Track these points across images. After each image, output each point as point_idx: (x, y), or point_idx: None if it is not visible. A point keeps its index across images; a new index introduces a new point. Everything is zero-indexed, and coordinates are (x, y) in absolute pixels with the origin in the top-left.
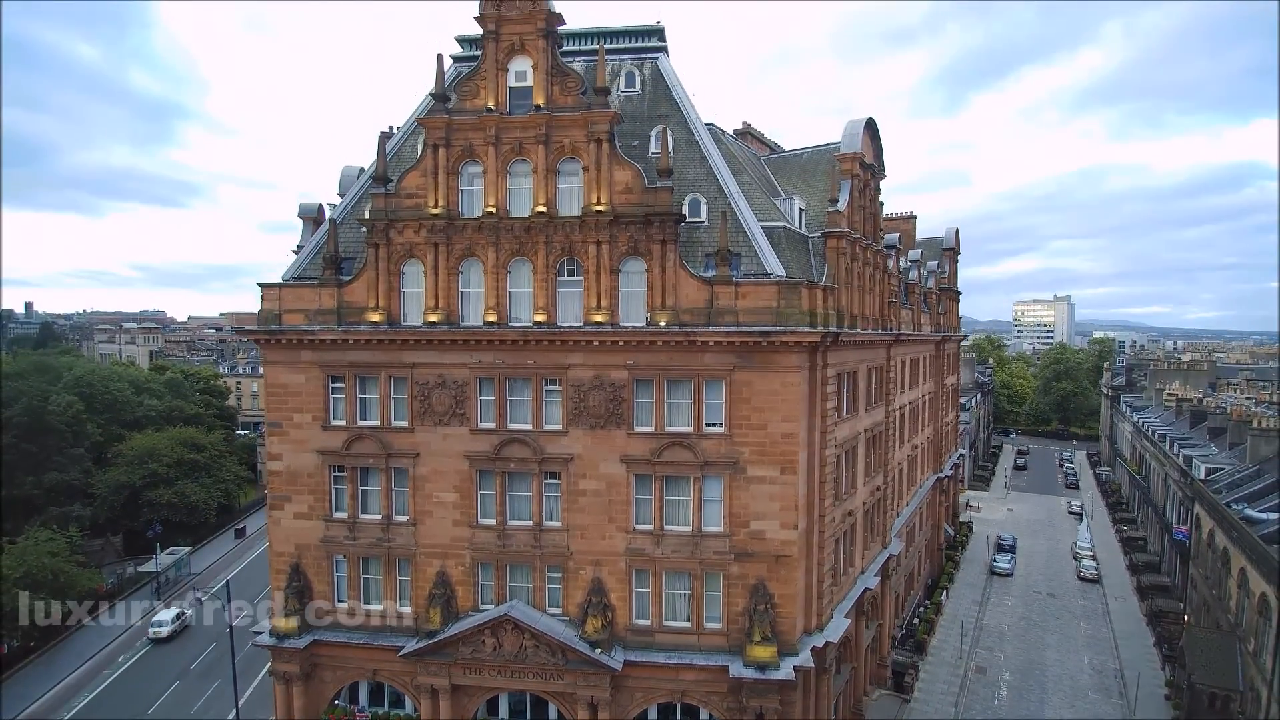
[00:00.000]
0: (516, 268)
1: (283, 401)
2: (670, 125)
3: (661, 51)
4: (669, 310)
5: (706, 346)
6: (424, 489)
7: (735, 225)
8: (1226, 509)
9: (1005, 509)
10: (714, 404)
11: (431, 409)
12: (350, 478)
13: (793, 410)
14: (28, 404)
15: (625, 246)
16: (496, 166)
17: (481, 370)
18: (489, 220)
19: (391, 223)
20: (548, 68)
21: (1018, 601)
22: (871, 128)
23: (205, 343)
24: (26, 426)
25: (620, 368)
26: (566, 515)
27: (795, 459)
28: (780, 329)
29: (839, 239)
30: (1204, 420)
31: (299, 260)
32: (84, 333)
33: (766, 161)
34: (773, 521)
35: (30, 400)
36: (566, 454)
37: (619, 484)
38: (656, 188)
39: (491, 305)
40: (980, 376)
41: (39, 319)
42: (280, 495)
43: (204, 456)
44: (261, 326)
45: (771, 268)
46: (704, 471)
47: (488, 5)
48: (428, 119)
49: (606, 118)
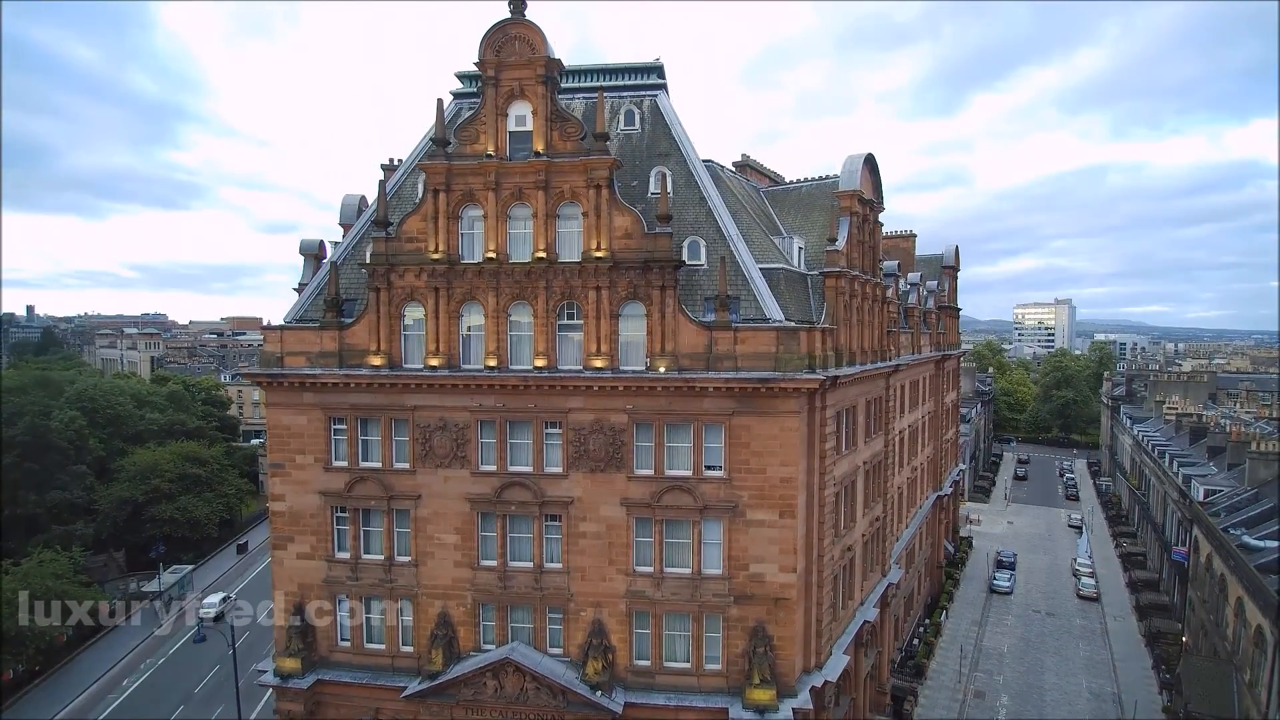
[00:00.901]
0: (517, 311)
1: (285, 443)
2: (669, 165)
3: (661, 89)
4: (668, 356)
5: (706, 392)
6: (425, 530)
7: (734, 269)
8: (1224, 534)
9: (1005, 522)
10: (713, 448)
11: (433, 451)
12: (352, 519)
13: (791, 455)
14: (30, 422)
15: (625, 292)
16: (496, 211)
17: (482, 413)
18: (489, 265)
19: (392, 267)
20: (547, 113)
21: (1017, 621)
22: (870, 163)
23: (206, 348)
24: (29, 445)
25: (620, 412)
26: (567, 557)
27: (794, 503)
28: (779, 376)
29: (838, 278)
30: (1204, 437)
31: (300, 301)
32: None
33: (766, 194)
34: (771, 565)
35: (33, 419)
36: (567, 497)
37: (619, 527)
38: (656, 234)
39: (492, 349)
40: (980, 386)
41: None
42: (283, 535)
43: (205, 470)
44: (263, 369)
45: (770, 312)
46: (703, 515)
47: (488, 51)
48: (428, 164)
49: (606, 164)
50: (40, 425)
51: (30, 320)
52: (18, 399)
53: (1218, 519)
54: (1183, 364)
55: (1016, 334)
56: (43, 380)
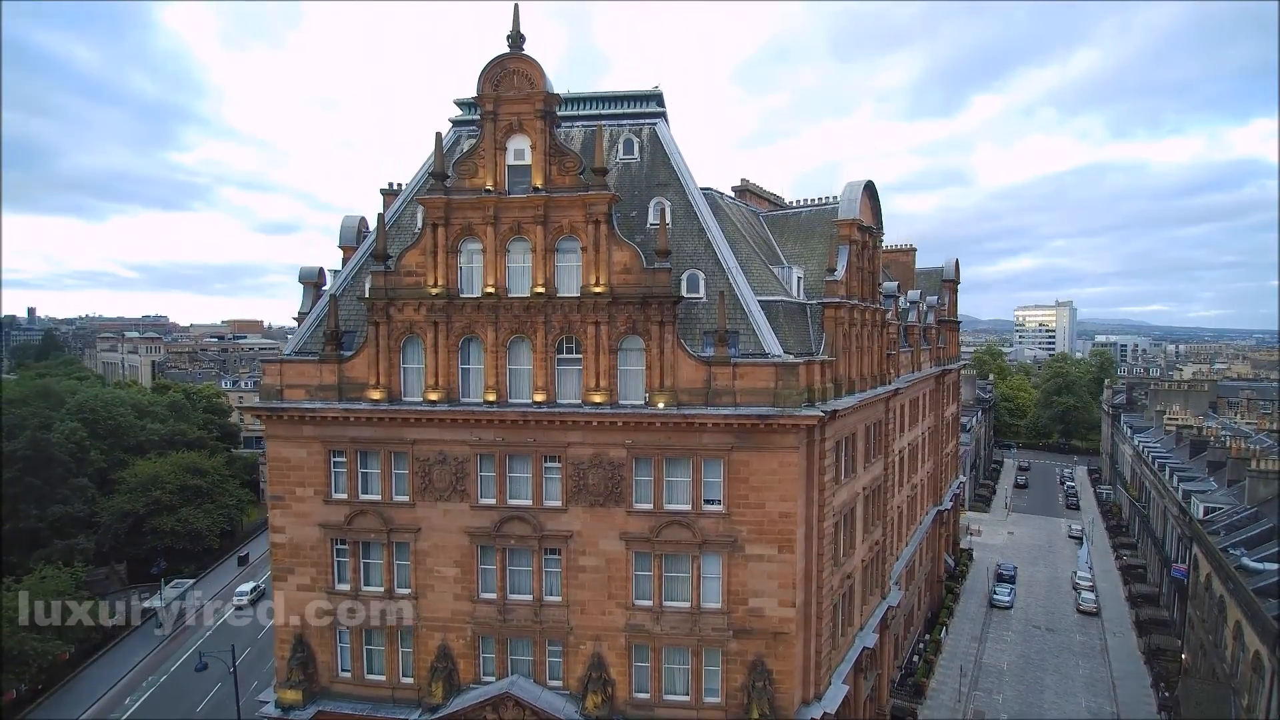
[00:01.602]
0: (516, 346)
1: (285, 475)
2: (668, 195)
3: (660, 117)
4: (667, 391)
5: (704, 428)
6: (425, 563)
7: (733, 303)
8: (1223, 555)
9: (1006, 532)
10: (712, 482)
11: (432, 485)
12: (352, 551)
13: (790, 490)
14: (32, 436)
15: (624, 327)
16: (495, 245)
17: (482, 447)
18: (488, 300)
19: (391, 301)
20: (546, 148)
21: (1017, 637)
22: (870, 190)
23: (207, 353)
24: (31, 459)
25: (619, 446)
26: (566, 591)
27: (793, 537)
28: (778, 412)
29: (836, 309)
30: (1204, 450)
31: (300, 333)
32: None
33: (766, 219)
34: (770, 599)
35: (34, 432)
36: (566, 531)
37: (618, 561)
38: (655, 269)
39: (491, 384)
40: (981, 394)
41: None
42: (283, 567)
43: (206, 482)
44: (263, 403)
45: (769, 347)
46: (702, 550)
47: (486, 86)
48: (426, 199)
49: (605, 199)
50: (41, 439)
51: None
52: (19, 410)
53: (1217, 538)
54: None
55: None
56: (44, 391)
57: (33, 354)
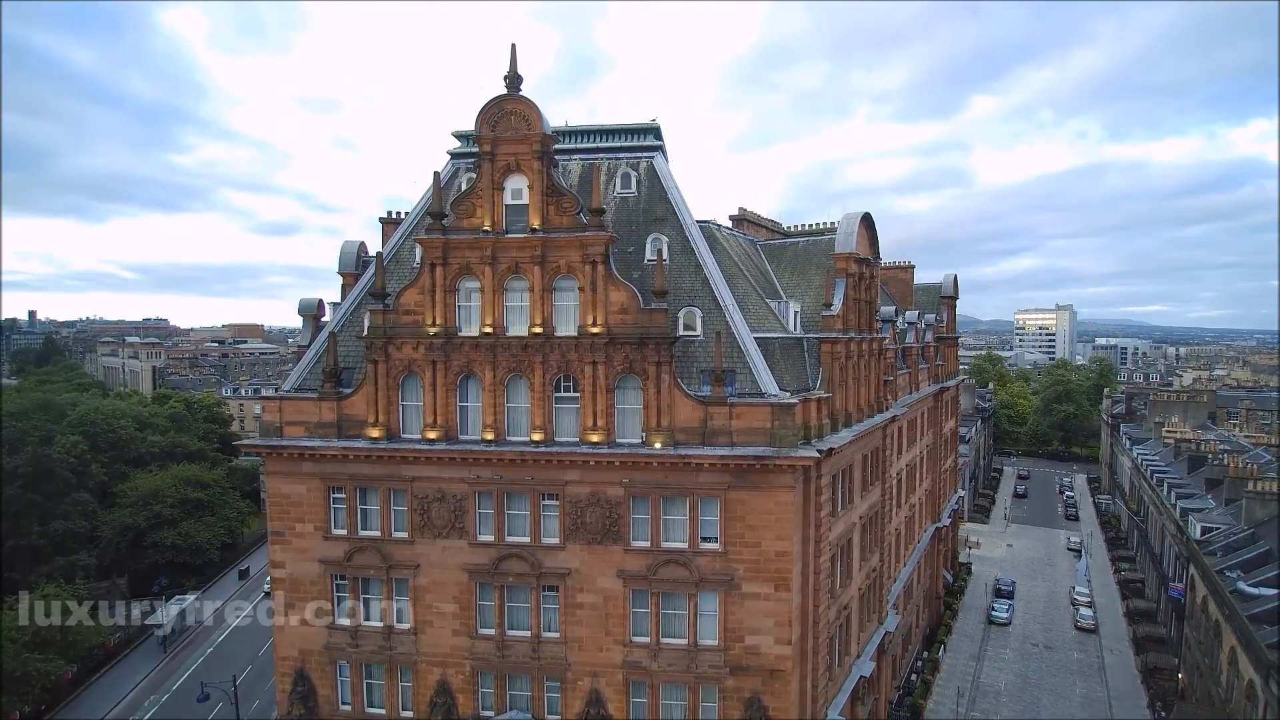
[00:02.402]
0: (514, 384)
1: (285, 511)
2: (666, 230)
3: (657, 150)
4: (664, 431)
5: (701, 467)
6: (424, 599)
7: (730, 341)
8: (1220, 578)
9: (1005, 545)
10: (709, 520)
11: (431, 522)
12: (352, 587)
13: (786, 529)
14: (33, 452)
15: (621, 366)
16: (493, 285)
17: (480, 485)
18: (486, 339)
19: (390, 340)
20: (543, 188)
21: (1015, 655)
22: (867, 220)
23: (208, 358)
24: (32, 475)
25: (616, 485)
26: (564, 627)
27: (789, 575)
28: (774, 453)
29: (833, 344)
30: (1202, 465)
31: (299, 369)
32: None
33: (763, 248)
34: (767, 637)
35: (35, 448)
36: (564, 568)
37: (616, 598)
38: (652, 309)
39: (489, 422)
40: (980, 403)
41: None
42: (284, 602)
43: (207, 495)
44: (263, 440)
45: (765, 386)
46: (699, 588)
47: (484, 127)
48: (425, 239)
49: (602, 240)
50: (43, 455)
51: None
52: (20, 424)
53: (1214, 559)
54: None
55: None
56: (45, 403)
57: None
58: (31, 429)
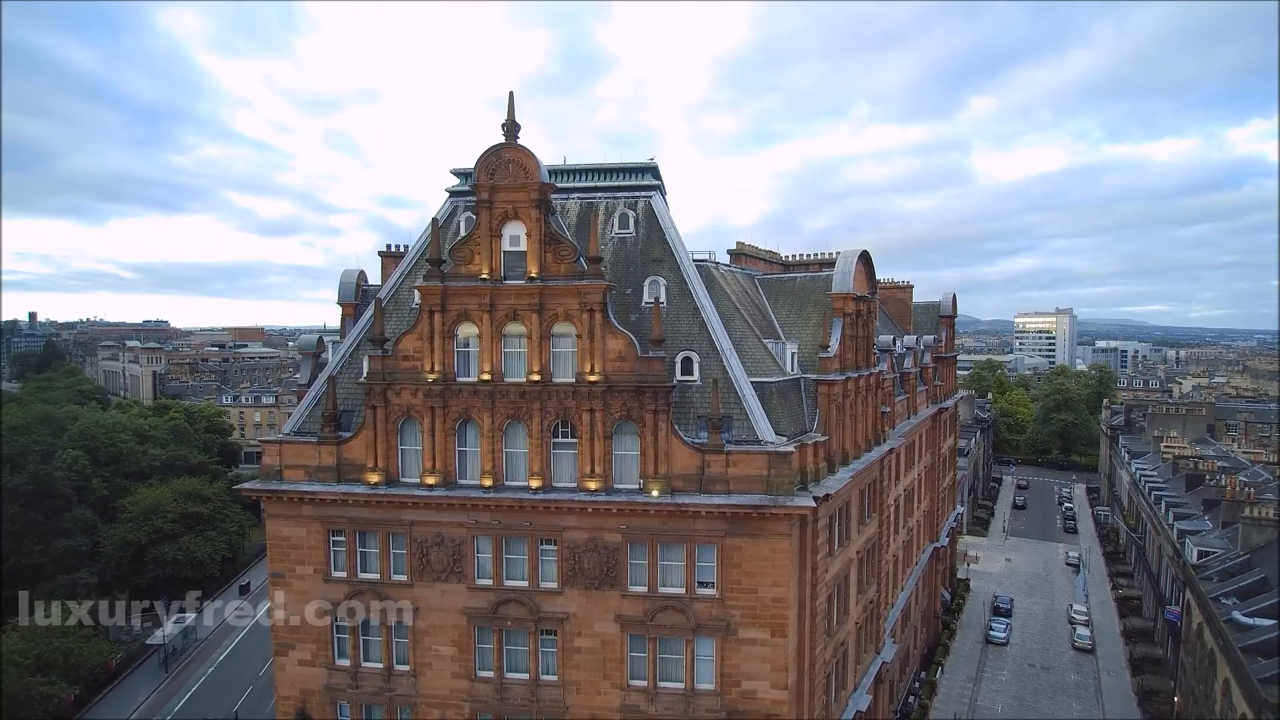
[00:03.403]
0: (512, 429)
1: (285, 554)
2: (663, 272)
3: (655, 190)
4: (661, 478)
5: (698, 515)
6: (423, 642)
7: (727, 386)
8: (1215, 606)
9: (1003, 559)
10: (706, 566)
11: (430, 565)
12: (352, 629)
13: (783, 575)
14: (34, 470)
15: (618, 413)
16: (491, 331)
17: (479, 530)
18: (484, 386)
19: (389, 385)
20: (541, 235)
21: (1012, 677)
22: (864, 258)
23: (209, 362)
24: (33, 493)
25: (614, 531)
26: (563, 671)
27: (785, 622)
28: (770, 502)
29: (830, 386)
30: (1200, 484)
31: (299, 411)
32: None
33: (761, 283)
34: (763, 682)
35: (36, 466)
36: (562, 613)
37: (614, 642)
38: (649, 357)
39: (488, 469)
40: (979, 413)
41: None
42: (284, 643)
43: (207, 509)
44: (263, 483)
45: (762, 433)
46: (696, 633)
47: (482, 174)
48: (424, 286)
49: (599, 289)
50: (43, 472)
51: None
52: (21, 438)
53: (1210, 585)
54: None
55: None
56: (45, 417)
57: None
58: (33, 443)
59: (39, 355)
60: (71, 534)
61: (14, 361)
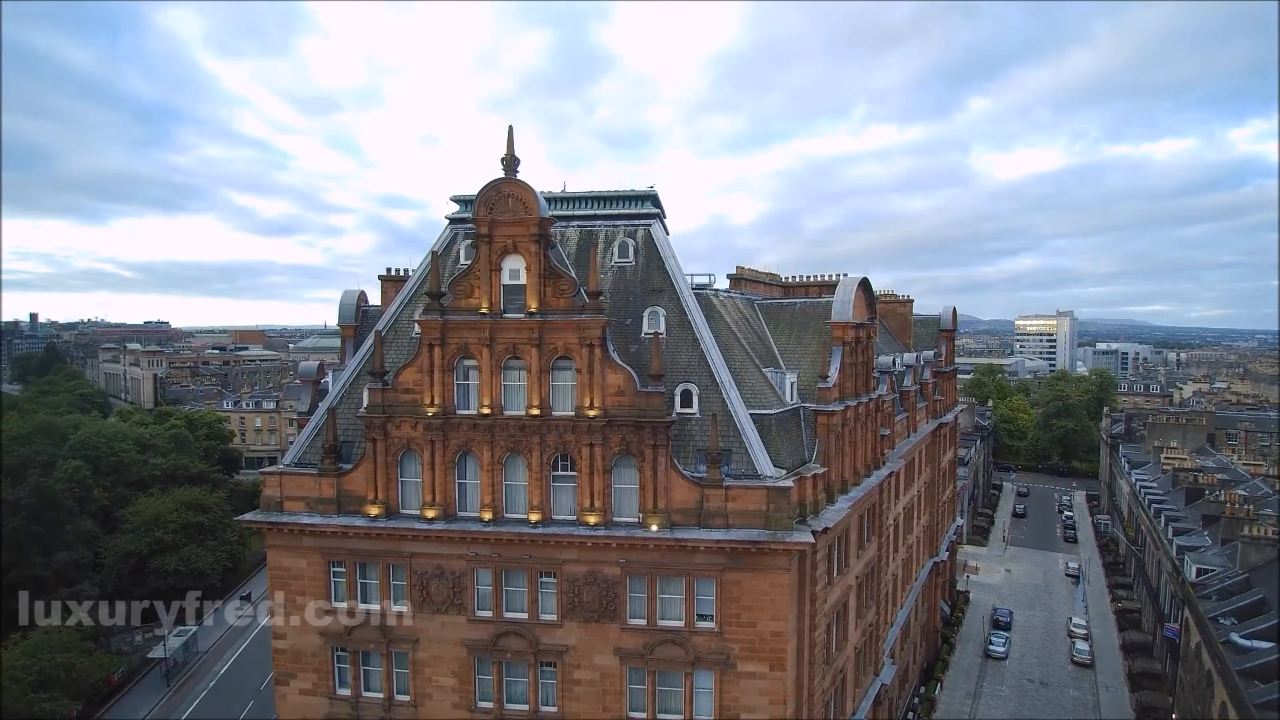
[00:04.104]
0: (512, 463)
1: (285, 584)
2: (663, 302)
3: (655, 218)
4: (660, 512)
5: (697, 549)
6: (424, 673)
7: (725, 418)
8: (1213, 626)
9: (1003, 570)
10: (705, 599)
11: (430, 597)
12: (352, 659)
13: (781, 609)
14: (36, 483)
15: (618, 447)
16: (491, 365)
17: (478, 562)
18: (484, 420)
19: (389, 418)
20: (540, 270)
21: (1011, 692)
22: (864, 285)
23: (209, 366)
24: (35, 507)
25: (613, 564)
26: (562, 703)
27: (784, 655)
28: (768, 538)
29: (829, 416)
30: (1199, 498)
31: (299, 442)
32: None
33: (761, 308)
34: (762, 715)
35: (38, 479)
36: (562, 645)
37: (613, 675)
38: (649, 392)
39: (487, 502)
40: (980, 421)
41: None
42: (286, 672)
43: (208, 519)
44: (264, 516)
45: (761, 467)
46: (695, 666)
47: (481, 209)
48: (424, 320)
49: (599, 324)
50: (44, 485)
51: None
52: (22, 448)
53: (1208, 603)
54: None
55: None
56: (46, 427)
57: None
58: (34, 454)
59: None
60: (73, 546)
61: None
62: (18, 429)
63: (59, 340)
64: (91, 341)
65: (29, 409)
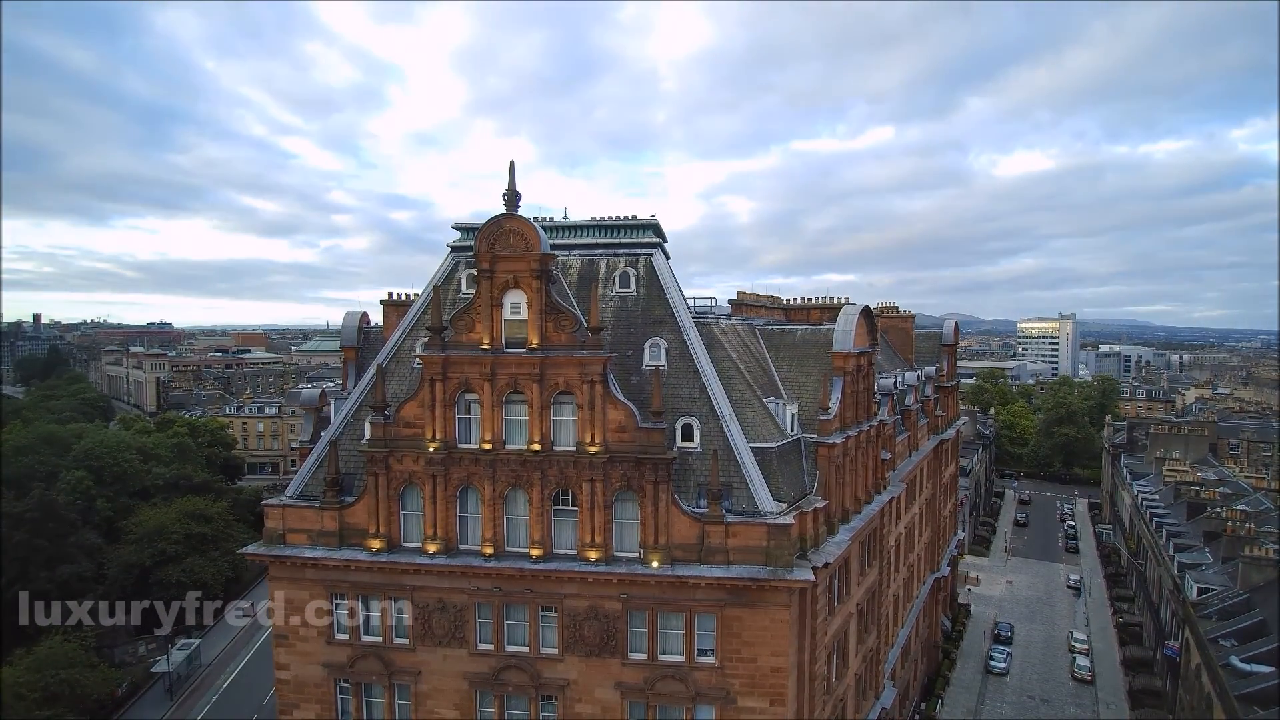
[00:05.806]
0: (513, 497)
1: (288, 616)
2: (664, 333)
3: (656, 247)
4: (661, 548)
5: (698, 586)
6: (425, 705)
7: (726, 453)
8: (1213, 648)
9: (1004, 581)
10: (705, 634)
11: (432, 630)
12: (355, 690)
13: (781, 645)
14: (39, 496)
15: (619, 483)
16: (492, 400)
17: (480, 596)
18: (485, 454)
19: (390, 452)
20: (542, 305)
21: (1011, 709)
22: (865, 313)
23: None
24: (39, 520)
25: (614, 599)
26: None
27: (784, 690)
28: (769, 575)
29: (830, 448)
30: (1201, 513)
31: (301, 474)
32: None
33: (762, 334)
34: None
35: (41, 491)
36: (563, 679)
37: (613, 709)
38: (649, 428)
39: (489, 537)
40: (981, 429)
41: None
42: (289, 703)
43: (211, 529)
44: (266, 549)
45: (761, 502)
46: (696, 701)
47: (483, 245)
48: (425, 355)
49: (600, 361)
50: (48, 498)
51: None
52: (25, 459)
53: (1209, 623)
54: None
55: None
56: (49, 437)
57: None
58: (37, 465)
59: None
60: (76, 559)
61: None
62: (21, 439)
63: (62, 342)
64: (94, 343)
65: (32, 416)
